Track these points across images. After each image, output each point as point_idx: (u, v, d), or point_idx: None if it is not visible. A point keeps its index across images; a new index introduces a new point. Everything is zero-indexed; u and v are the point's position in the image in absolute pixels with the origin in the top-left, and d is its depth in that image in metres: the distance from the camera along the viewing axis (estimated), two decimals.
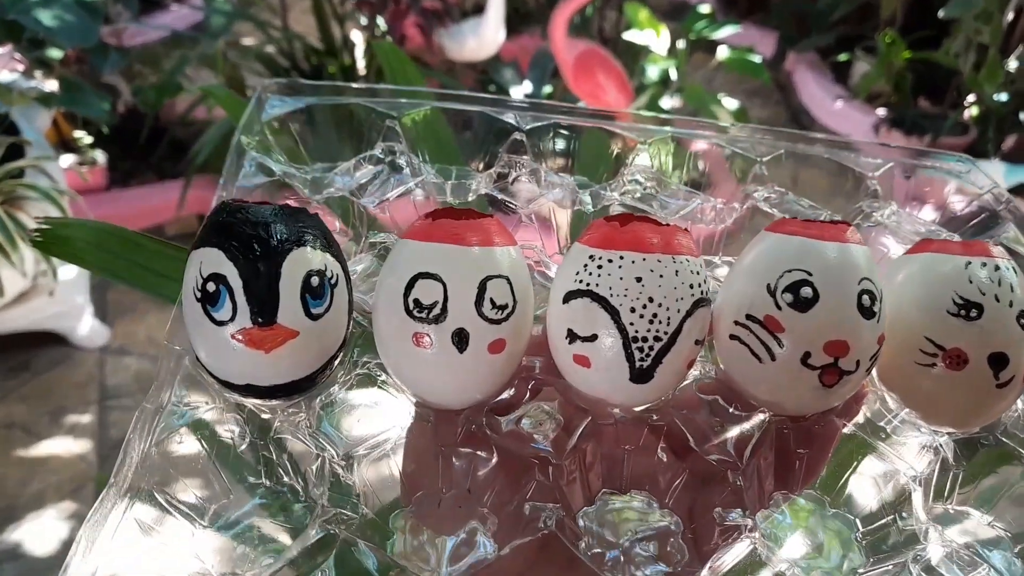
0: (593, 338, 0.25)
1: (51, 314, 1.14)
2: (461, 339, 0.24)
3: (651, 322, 0.24)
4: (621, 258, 0.25)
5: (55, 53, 1.20)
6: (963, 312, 0.26)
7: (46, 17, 1.11)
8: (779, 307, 0.25)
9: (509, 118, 0.36)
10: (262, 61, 1.47)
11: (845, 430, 0.27)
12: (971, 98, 1.49)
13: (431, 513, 0.25)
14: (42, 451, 1.06)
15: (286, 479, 0.25)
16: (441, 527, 0.25)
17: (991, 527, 0.27)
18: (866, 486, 0.27)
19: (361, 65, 1.46)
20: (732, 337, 0.26)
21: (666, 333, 0.24)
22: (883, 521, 0.26)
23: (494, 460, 0.25)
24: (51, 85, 1.19)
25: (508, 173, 0.34)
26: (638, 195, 0.35)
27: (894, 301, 0.27)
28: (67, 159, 1.30)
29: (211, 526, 0.24)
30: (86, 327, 1.19)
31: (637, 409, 0.27)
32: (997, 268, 0.26)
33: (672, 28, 1.47)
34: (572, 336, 0.25)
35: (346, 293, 0.26)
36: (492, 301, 0.24)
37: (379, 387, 0.26)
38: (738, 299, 0.26)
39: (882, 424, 0.27)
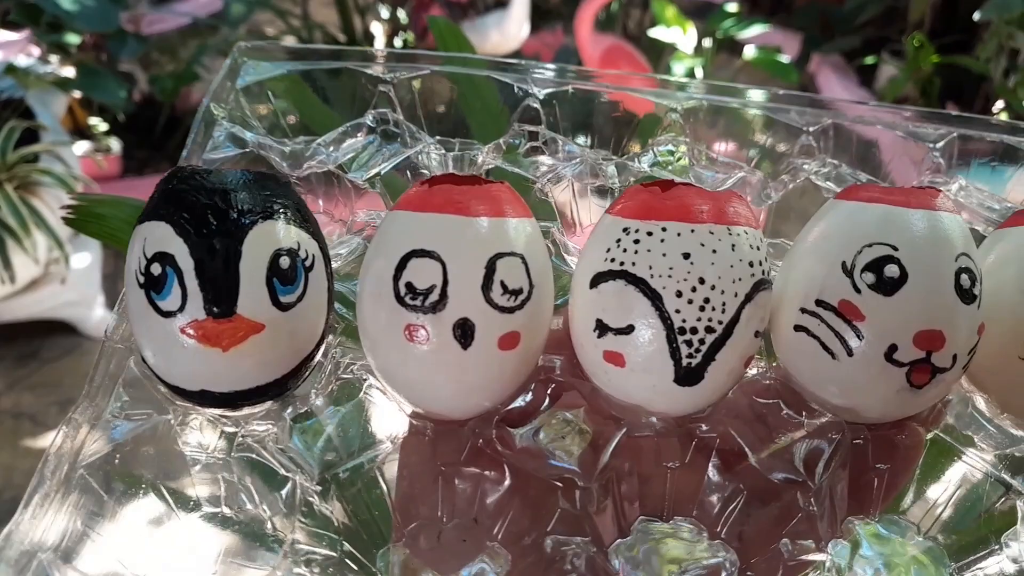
0: (629, 330, 0.20)
1: (62, 302, 1.11)
2: (465, 332, 0.19)
3: (702, 309, 0.20)
4: (664, 230, 0.20)
5: (73, 38, 1.19)
6: None
7: (66, 1, 1.10)
8: (858, 290, 0.20)
9: (524, 84, 0.32)
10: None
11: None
12: (1000, 104, 1.45)
13: (429, 548, 0.20)
14: (51, 441, 1.02)
15: (250, 507, 0.20)
16: (441, 565, 0.20)
17: None
18: (958, 507, 0.22)
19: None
20: (798, 328, 0.21)
21: (720, 323, 0.20)
22: (982, 552, 0.21)
23: (507, 482, 0.20)
24: (68, 71, 1.17)
25: (519, 143, 0.30)
26: (670, 167, 0.30)
27: (989, 284, 0.23)
28: (82, 146, 1.28)
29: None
30: (97, 317, 1.15)
31: (679, 418, 0.22)
32: None
33: (698, 26, 1.44)
34: (602, 328, 0.20)
35: (325, 279, 0.21)
36: (503, 285, 0.19)
37: (365, 394, 0.22)
38: (805, 282, 0.21)
39: (969, 432, 0.23)
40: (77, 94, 1.24)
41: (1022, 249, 0.23)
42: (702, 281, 0.19)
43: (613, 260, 0.20)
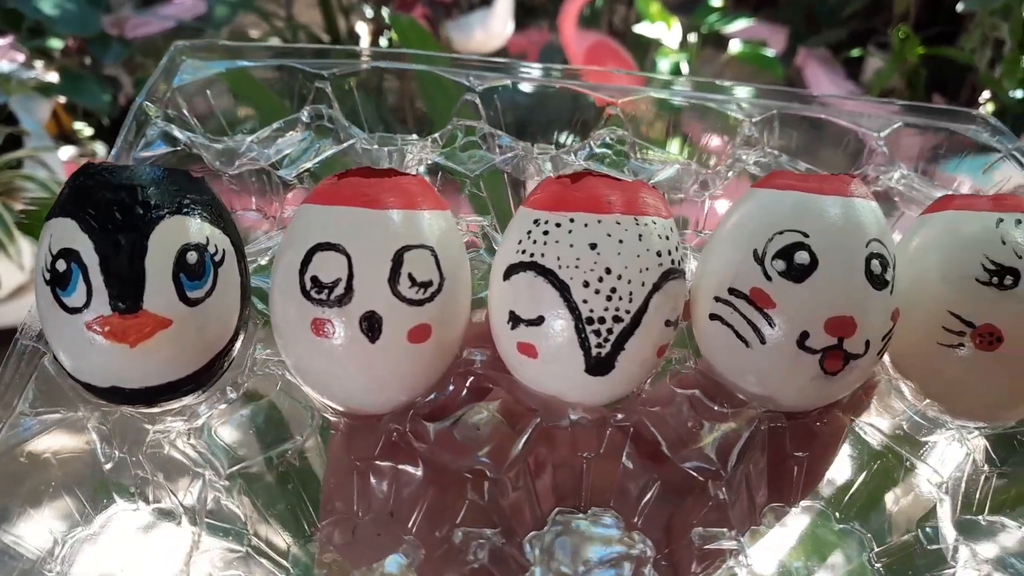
0: (539, 321, 0.20)
1: None
2: (372, 325, 0.19)
3: (609, 299, 0.19)
4: (572, 221, 0.20)
5: (55, 43, 1.18)
6: (995, 280, 0.21)
7: (46, 5, 1.10)
8: (768, 277, 0.20)
9: (462, 79, 0.32)
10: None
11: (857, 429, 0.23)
12: (986, 95, 1.45)
13: (344, 543, 0.20)
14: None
15: (164, 504, 0.20)
16: (356, 559, 0.20)
17: None
18: (879, 496, 0.22)
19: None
20: (713, 317, 0.21)
21: (628, 312, 0.20)
22: (903, 539, 0.21)
23: (421, 476, 0.20)
24: (52, 76, 1.17)
25: (456, 137, 0.30)
26: (607, 160, 0.30)
27: (911, 270, 0.23)
28: (67, 151, 1.27)
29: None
30: None
31: (596, 408, 0.22)
32: None
33: (683, 21, 1.44)
34: (515, 320, 0.20)
35: (237, 274, 0.21)
36: (411, 277, 0.19)
37: (282, 389, 0.21)
38: (719, 270, 0.21)
39: (898, 420, 0.23)
40: (61, 99, 1.24)
41: (943, 235, 0.23)
42: (608, 271, 0.19)
43: (524, 252, 0.20)
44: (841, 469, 0.22)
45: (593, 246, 0.20)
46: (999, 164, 0.34)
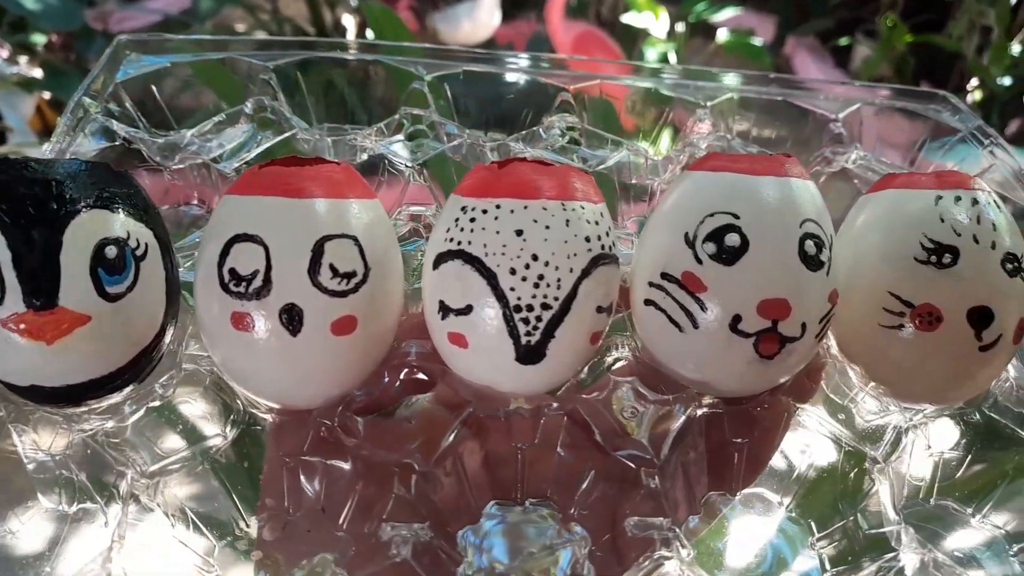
0: (468, 310, 0.19)
1: None
2: (292, 318, 0.19)
3: (536, 286, 0.19)
4: (498, 207, 0.19)
5: (39, 38, 1.17)
6: (934, 258, 0.21)
7: (28, 0, 1.09)
8: (700, 261, 0.20)
9: (411, 68, 0.31)
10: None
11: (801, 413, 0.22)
12: (974, 82, 1.45)
13: (274, 539, 0.20)
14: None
15: (90, 504, 0.20)
16: (287, 555, 0.19)
17: (980, 524, 0.21)
18: (821, 481, 0.22)
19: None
20: (647, 302, 0.21)
21: (556, 299, 0.19)
22: (844, 523, 0.21)
23: (351, 471, 0.20)
24: (35, 71, 1.16)
25: (403, 126, 0.29)
26: (556, 147, 0.29)
27: (853, 250, 0.22)
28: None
29: None
30: None
31: (537, 397, 0.22)
32: (976, 202, 0.21)
33: (671, 11, 1.44)
34: (445, 309, 0.20)
35: (162, 269, 0.21)
36: (332, 268, 0.19)
37: (211, 385, 0.21)
38: (653, 255, 0.21)
39: (845, 403, 0.22)
40: (46, 94, 1.23)
41: (885, 214, 0.22)
42: (535, 258, 0.19)
43: (452, 240, 0.20)
44: (783, 455, 0.21)
45: (519, 232, 0.19)
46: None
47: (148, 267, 0.20)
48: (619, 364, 0.22)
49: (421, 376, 0.21)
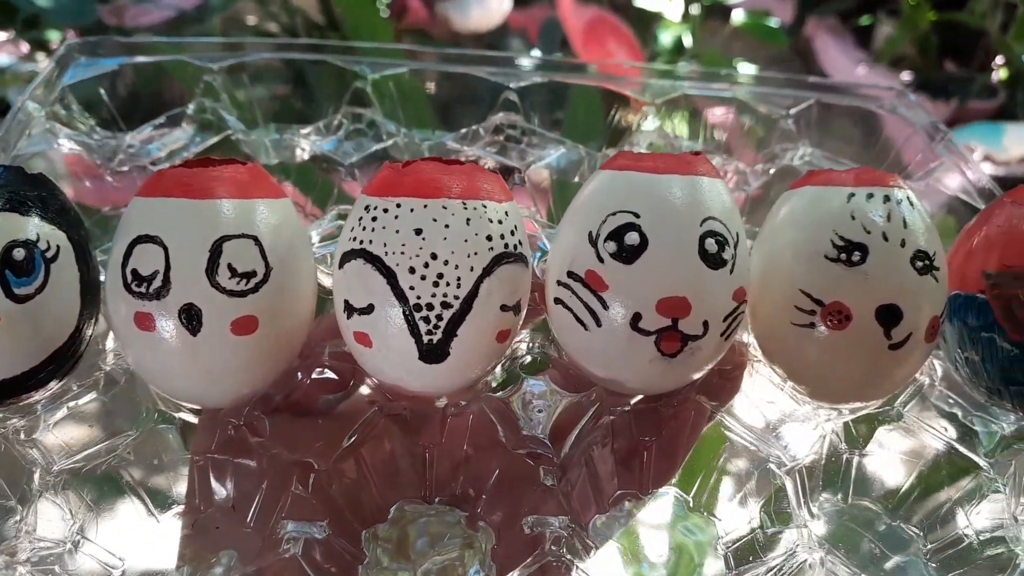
0: (370, 309, 0.20)
1: None
2: (191, 318, 0.19)
3: (436, 284, 0.19)
4: (398, 206, 0.20)
5: (54, 35, 1.19)
6: (844, 256, 0.21)
7: None
8: (601, 259, 0.20)
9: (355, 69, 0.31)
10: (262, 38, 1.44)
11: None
12: (999, 60, 1.42)
13: (184, 535, 0.20)
14: None
15: (4, 501, 0.20)
16: (194, 551, 0.20)
17: (896, 526, 0.21)
18: (727, 481, 0.21)
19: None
20: (556, 301, 0.21)
21: (457, 297, 0.19)
22: (750, 525, 0.21)
23: (255, 469, 0.20)
24: None
25: (341, 126, 0.29)
26: (497, 145, 0.30)
27: (769, 248, 0.22)
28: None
29: None
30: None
31: (458, 394, 0.22)
32: (887, 199, 0.21)
33: None
34: (349, 309, 0.20)
35: (76, 271, 0.21)
36: (231, 268, 0.19)
37: (125, 383, 0.21)
38: (561, 254, 0.21)
39: (761, 403, 0.22)
40: None
41: (800, 211, 0.22)
42: (435, 256, 0.19)
43: (355, 239, 0.20)
44: (696, 456, 0.21)
45: (419, 231, 0.19)
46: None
47: (60, 269, 0.20)
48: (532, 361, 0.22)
49: (331, 375, 0.21)
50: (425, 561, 0.20)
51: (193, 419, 0.21)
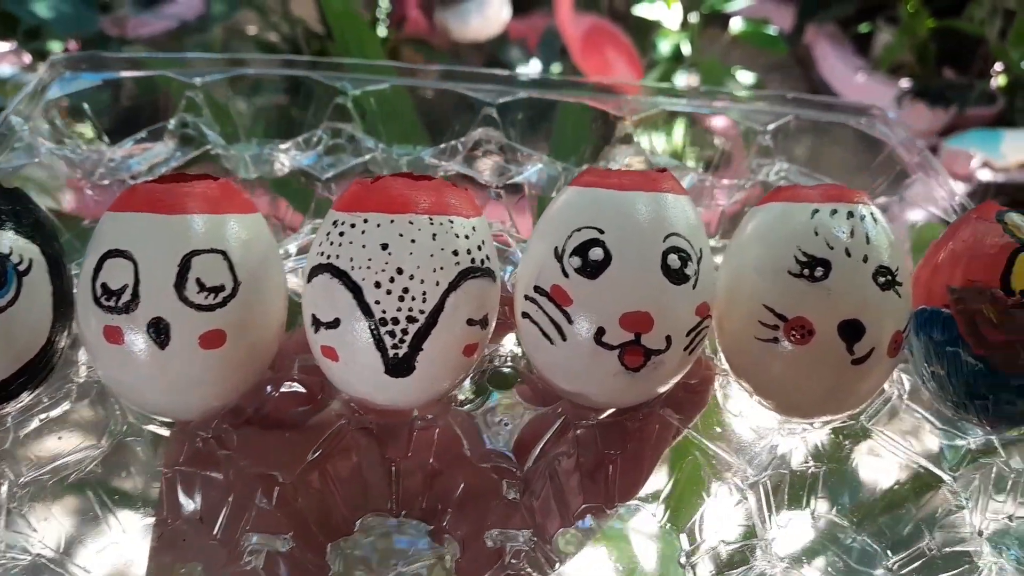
0: (336, 323, 0.20)
1: None
2: (159, 331, 0.19)
3: (401, 299, 0.19)
4: (365, 221, 0.20)
5: (56, 45, 1.19)
6: (807, 271, 0.21)
7: (41, 8, 1.10)
8: (566, 274, 0.20)
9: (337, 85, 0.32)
10: (263, 48, 1.44)
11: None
12: (998, 66, 1.43)
13: (151, 547, 0.20)
14: None
15: None
16: (161, 563, 0.20)
17: (860, 540, 0.21)
18: (691, 495, 0.22)
19: None
20: (524, 315, 0.21)
21: (423, 312, 0.19)
22: (713, 539, 0.21)
23: (222, 481, 0.20)
24: None
25: (321, 141, 0.30)
26: (474, 161, 0.30)
27: (735, 263, 0.22)
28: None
29: None
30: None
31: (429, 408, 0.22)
32: (851, 215, 0.21)
33: (684, 1, 1.42)
34: (316, 323, 0.20)
35: (50, 284, 0.21)
36: (199, 282, 0.19)
37: (96, 396, 0.22)
38: (528, 269, 0.21)
39: (725, 418, 0.22)
40: None
41: (765, 227, 0.22)
42: (400, 271, 0.19)
43: (323, 254, 0.20)
44: (661, 469, 0.21)
45: (384, 246, 0.19)
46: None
47: (32, 283, 0.21)
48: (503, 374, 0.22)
49: (299, 389, 0.21)
50: (389, 573, 0.20)
51: (164, 432, 0.22)
